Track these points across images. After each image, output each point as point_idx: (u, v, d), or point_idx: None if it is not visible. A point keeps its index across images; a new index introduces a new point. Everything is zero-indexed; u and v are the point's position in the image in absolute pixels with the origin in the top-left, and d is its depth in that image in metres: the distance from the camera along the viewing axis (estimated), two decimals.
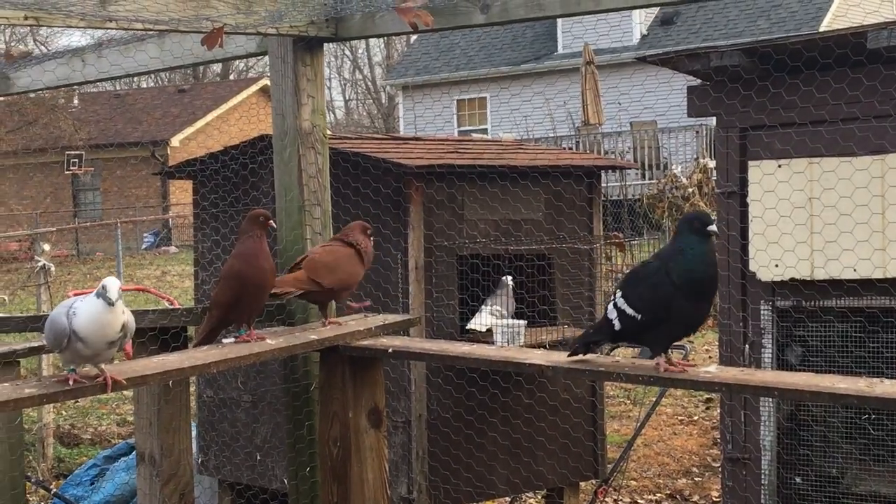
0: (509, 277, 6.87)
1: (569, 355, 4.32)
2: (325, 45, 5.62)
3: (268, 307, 5.26)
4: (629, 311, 4.01)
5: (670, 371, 4.06)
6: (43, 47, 35.09)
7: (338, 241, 5.06)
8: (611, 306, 4.08)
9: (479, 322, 6.77)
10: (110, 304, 3.76)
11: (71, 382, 3.92)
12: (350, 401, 4.91)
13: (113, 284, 3.78)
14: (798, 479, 5.59)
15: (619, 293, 4.07)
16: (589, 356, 4.31)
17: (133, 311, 4.04)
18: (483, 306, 6.83)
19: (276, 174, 5.56)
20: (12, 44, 38.80)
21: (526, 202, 6.97)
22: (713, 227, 3.93)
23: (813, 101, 5.24)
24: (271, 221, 4.84)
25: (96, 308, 3.77)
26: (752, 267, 5.44)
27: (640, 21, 31.04)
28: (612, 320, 4.07)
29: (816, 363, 5.40)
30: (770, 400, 5.49)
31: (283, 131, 5.48)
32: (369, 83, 57.12)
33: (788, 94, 5.30)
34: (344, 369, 4.90)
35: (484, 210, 6.80)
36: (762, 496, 5.58)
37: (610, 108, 27.97)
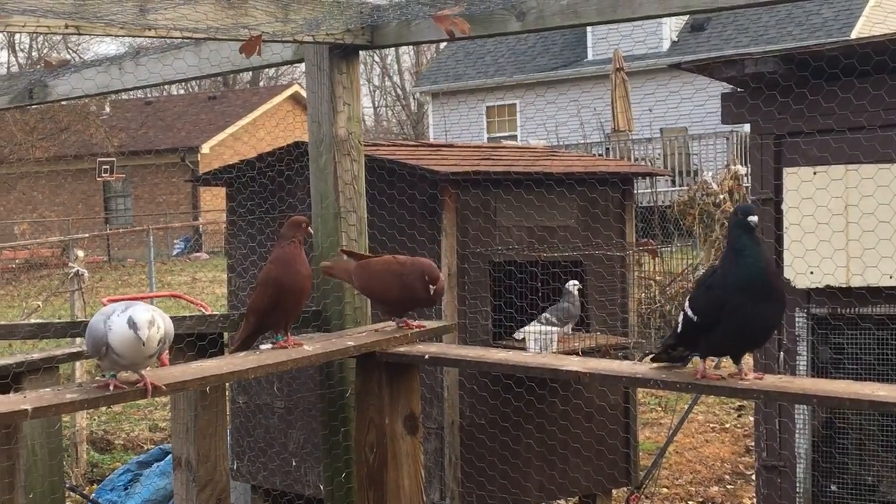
0: (574, 283, 6.87)
1: (651, 360, 4.28)
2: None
3: (304, 313, 5.28)
4: (689, 312, 3.99)
5: (708, 378, 4.02)
6: (75, 55, 35.32)
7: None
8: (682, 311, 4.07)
9: (535, 330, 6.75)
10: (140, 341, 3.69)
11: (111, 388, 3.93)
12: (386, 407, 4.92)
13: (142, 319, 3.69)
14: (834, 487, 5.57)
15: (689, 297, 4.07)
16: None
17: (170, 318, 4.03)
18: (544, 314, 6.82)
19: (312, 181, 5.58)
20: (44, 51, 39.11)
21: (560, 209, 6.97)
22: (753, 218, 3.86)
23: (851, 107, 5.22)
24: (310, 228, 4.86)
25: (128, 335, 3.71)
26: (788, 274, 5.42)
27: (671, 28, 30.98)
28: (678, 323, 4.06)
29: (854, 370, 5.38)
30: (805, 407, 5.47)
31: (319, 138, 5.50)
32: (399, 90, 57.24)
33: (826, 100, 5.29)
34: (380, 375, 4.91)
35: (518, 217, 6.81)
36: None
37: (641, 115, 27.93)
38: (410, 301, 4.89)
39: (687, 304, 4.02)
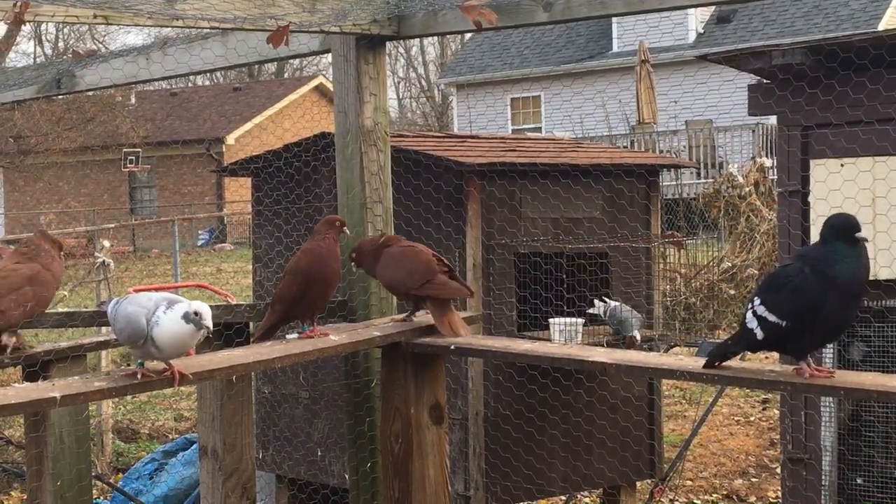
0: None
1: (704, 366, 4.11)
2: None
3: (330, 303, 5.29)
4: (772, 318, 3.80)
5: (816, 376, 3.89)
6: (101, 46, 35.41)
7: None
8: (749, 315, 3.86)
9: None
10: (199, 328, 3.79)
11: (139, 377, 3.96)
12: (412, 397, 4.93)
13: (208, 312, 3.80)
14: (860, 480, 5.56)
15: (757, 300, 3.87)
16: (734, 363, 4.14)
17: None
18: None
19: (339, 172, 5.59)
20: (70, 42, 39.26)
21: (586, 201, 6.96)
22: (862, 234, 3.73)
23: (879, 98, 5.20)
24: (346, 228, 4.88)
25: (181, 329, 3.79)
26: None
27: (696, 20, 30.86)
28: (752, 330, 3.85)
29: (881, 363, 5.36)
30: (831, 399, 5.46)
31: (346, 129, 5.51)
32: (423, 81, 57.21)
33: (854, 91, 5.26)
34: (406, 365, 4.92)
35: (544, 208, 6.80)
36: (823, 496, 5.55)
37: (666, 107, 27.85)
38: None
39: (762, 308, 3.82)
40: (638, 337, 6.76)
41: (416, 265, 4.85)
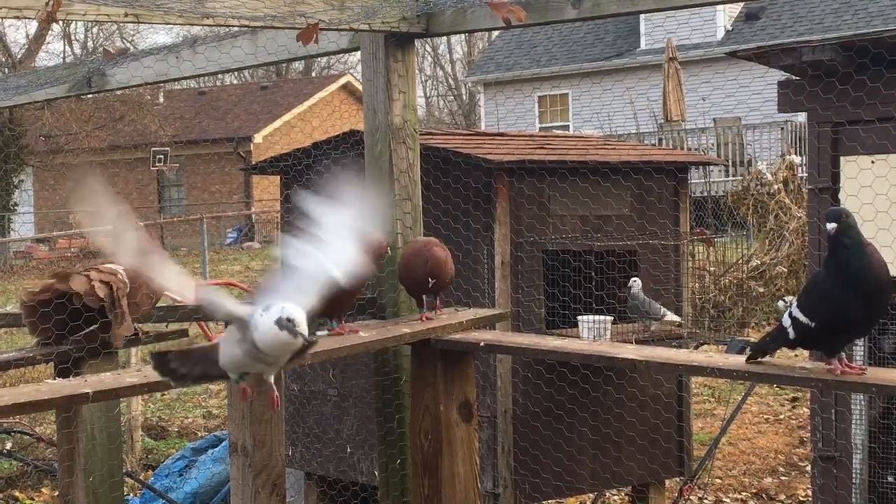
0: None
1: (747, 360, 4.23)
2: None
3: (359, 300, 5.31)
4: (803, 319, 3.93)
5: (847, 373, 3.98)
6: (130, 45, 35.59)
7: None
8: (786, 315, 4.01)
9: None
10: (295, 336, 3.37)
11: (247, 396, 3.85)
12: (441, 394, 4.94)
13: (302, 319, 3.37)
14: (891, 478, 5.53)
15: (795, 302, 4.01)
16: (766, 359, 4.23)
17: None
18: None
19: (368, 169, 5.60)
20: (99, 41, 39.44)
21: (615, 198, 6.95)
22: (830, 225, 3.82)
23: None
24: (388, 250, 4.90)
25: (278, 336, 3.38)
26: None
27: (725, 16, 30.77)
28: (786, 329, 3.99)
29: None
30: (862, 397, 5.44)
31: (375, 126, 5.52)
32: (451, 80, 57.23)
33: (885, 88, 5.23)
34: (435, 362, 4.93)
35: (572, 206, 6.80)
36: (853, 494, 5.53)
37: (695, 104, 27.78)
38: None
39: (797, 310, 3.95)
40: (672, 317, 6.78)
41: None
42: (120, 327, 4.68)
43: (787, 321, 3.99)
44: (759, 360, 4.19)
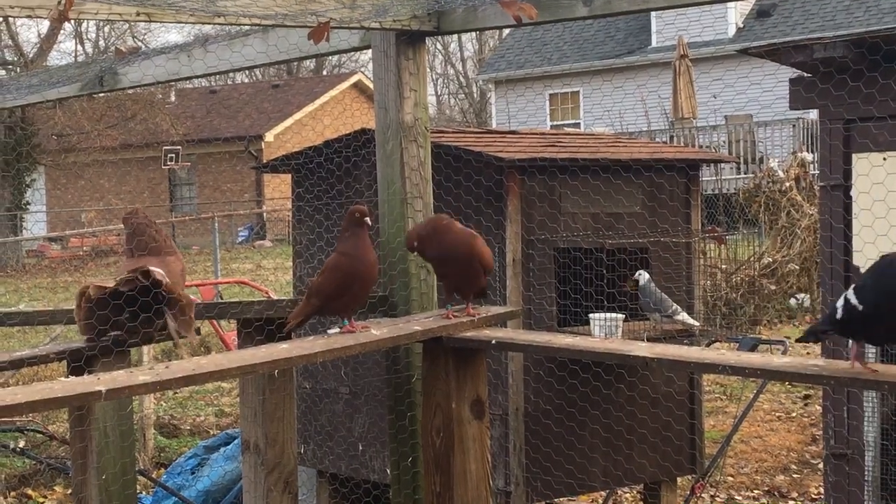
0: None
1: (797, 340, 4.22)
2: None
3: (370, 298, 5.31)
4: (853, 300, 3.81)
5: (860, 367, 3.91)
6: (141, 44, 35.63)
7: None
8: (842, 296, 3.90)
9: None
10: None
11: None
12: (453, 392, 4.94)
13: None
14: None
15: (854, 285, 3.91)
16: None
17: (238, 303, 4.01)
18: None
19: (379, 167, 5.61)
20: (111, 41, 39.52)
21: (626, 195, 6.95)
22: None
23: None
24: (367, 219, 4.82)
25: None
26: (858, 260, 5.37)
27: (736, 14, 30.73)
28: (836, 308, 3.88)
29: None
30: (874, 394, 5.43)
31: (386, 124, 5.53)
32: (462, 78, 57.24)
33: None
34: (447, 360, 4.93)
35: (584, 203, 6.79)
36: (866, 492, 5.52)
37: (706, 101, 27.75)
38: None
39: (852, 292, 3.84)
40: (687, 319, 6.77)
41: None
42: (190, 318, 4.67)
43: (840, 301, 3.88)
44: (809, 341, 4.13)
